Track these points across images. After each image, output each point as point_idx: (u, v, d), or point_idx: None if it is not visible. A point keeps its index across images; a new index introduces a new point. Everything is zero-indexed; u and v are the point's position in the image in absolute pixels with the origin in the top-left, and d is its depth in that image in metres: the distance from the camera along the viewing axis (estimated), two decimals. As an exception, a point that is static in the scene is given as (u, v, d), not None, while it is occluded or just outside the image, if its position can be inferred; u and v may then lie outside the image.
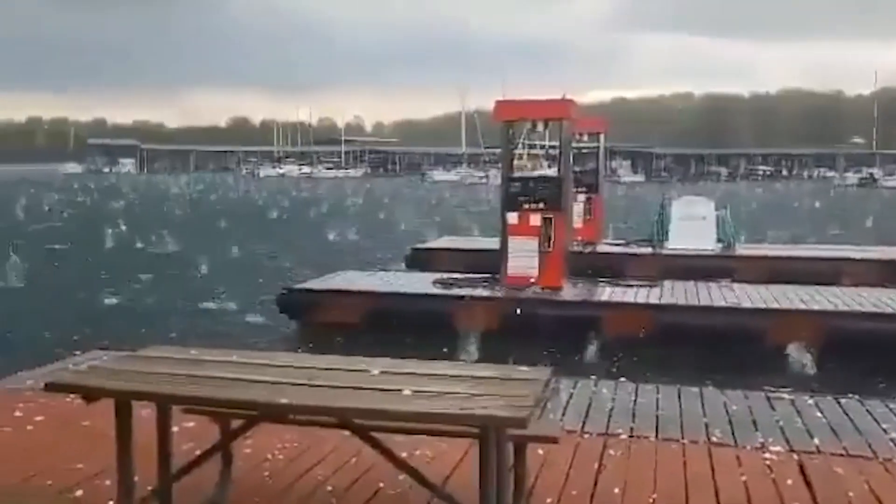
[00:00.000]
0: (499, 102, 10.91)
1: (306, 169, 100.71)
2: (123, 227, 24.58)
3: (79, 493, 3.68)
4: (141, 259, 17.58)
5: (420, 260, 14.94)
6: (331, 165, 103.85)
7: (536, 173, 17.81)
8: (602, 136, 16.78)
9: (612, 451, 4.32)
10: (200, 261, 16.63)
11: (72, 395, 4.81)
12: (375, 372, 3.16)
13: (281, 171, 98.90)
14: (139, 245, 20.50)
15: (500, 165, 11.91)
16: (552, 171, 14.06)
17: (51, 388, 3.14)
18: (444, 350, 8.36)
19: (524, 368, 3.16)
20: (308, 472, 3.98)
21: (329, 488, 3.79)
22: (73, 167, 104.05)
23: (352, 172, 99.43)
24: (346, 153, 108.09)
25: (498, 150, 12.66)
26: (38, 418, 4.76)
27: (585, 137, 16.59)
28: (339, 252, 19.26)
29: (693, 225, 14.63)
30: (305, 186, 68.58)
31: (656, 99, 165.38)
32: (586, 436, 4.57)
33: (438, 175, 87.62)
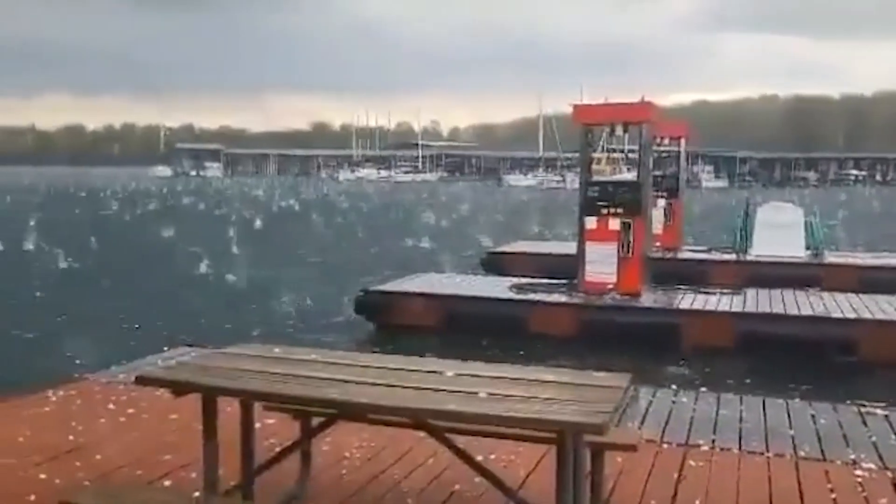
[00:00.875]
0: (578, 106, 10.80)
1: (384, 173, 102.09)
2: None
3: (167, 483, 3.83)
4: (226, 260, 18.13)
5: (495, 264, 14.92)
6: (408, 169, 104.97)
7: (615, 177, 17.52)
8: (683, 141, 16.40)
9: (692, 462, 4.21)
10: (282, 261, 17.07)
11: (161, 390, 5.07)
12: (450, 374, 3.17)
13: (359, 175, 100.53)
14: (232, 248, 21.17)
15: (577, 169, 11.78)
16: (631, 176, 13.83)
17: (141, 381, 3.27)
18: (520, 354, 8.32)
19: (603, 374, 3.11)
20: (384, 472, 4.03)
21: (405, 489, 3.82)
22: (162, 170, 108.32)
23: (428, 176, 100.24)
24: (423, 157, 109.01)
25: (576, 154, 12.51)
26: (130, 411, 4.97)
27: (666, 141, 16.25)
28: (415, 255, 19.43)
29: (779, 231, 14.13)
30: (382, 189, 69.49)
31: (740, 102, 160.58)
32: (665, 445, 4.47)
33: (515, 179, 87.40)
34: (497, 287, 10.91)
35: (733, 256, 14.43)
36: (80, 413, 4.90)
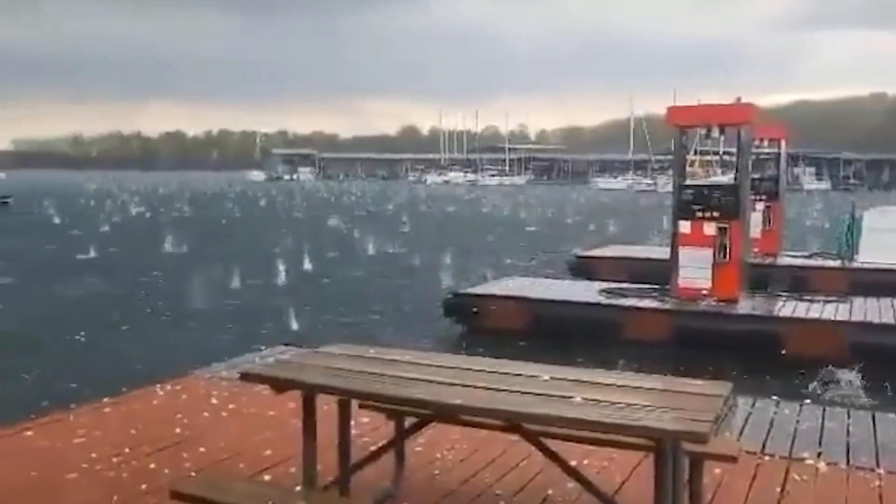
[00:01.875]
0: (672, 107, 10.54)
1: (471, 176, 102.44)
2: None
3: (266, 477, 3.95)
4: (321, 261, 18.58)
5: (584, 267, 14.74)
6: (495, 172, 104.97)
7: (711, 180, 17.01)
8: (783, 142, 15.77)
9: (796, 476, 4.04)
10: (372, 263, 17.36)
11: (260, 387, 5.25)
12: (546, 377, 3.16)
13: (446, 179, 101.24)
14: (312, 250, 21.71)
15: (669, 172, 11.51)
16: (727, 178, 13.40)
17: (245, 378, 3.39)
18: (610, 360, 8.18)
19: (702, 382, 3.03)
20: (476, 474, 4.04)
21: (497, 492, 3.82)
22: (257, 175, 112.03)
23: (516, 179, 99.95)
24: (510, 160, 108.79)
25: (667, 157, 12.21)
26: (231, 406, 5.16)
27: (765, 143, 15.65)
28: (502, 258, 19.40)
29: (888, 237, 13.39)
30: (470, 193, 69.71)
31: (843, 101, 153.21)
32: (767, 458, 4.31)
33: (604, 182, 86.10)
34: (586, 291, 10.77)
35: (837, 263, 13.77)
36: (186, 407, 5.12)
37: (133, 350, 9.63)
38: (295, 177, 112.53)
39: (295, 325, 11.05)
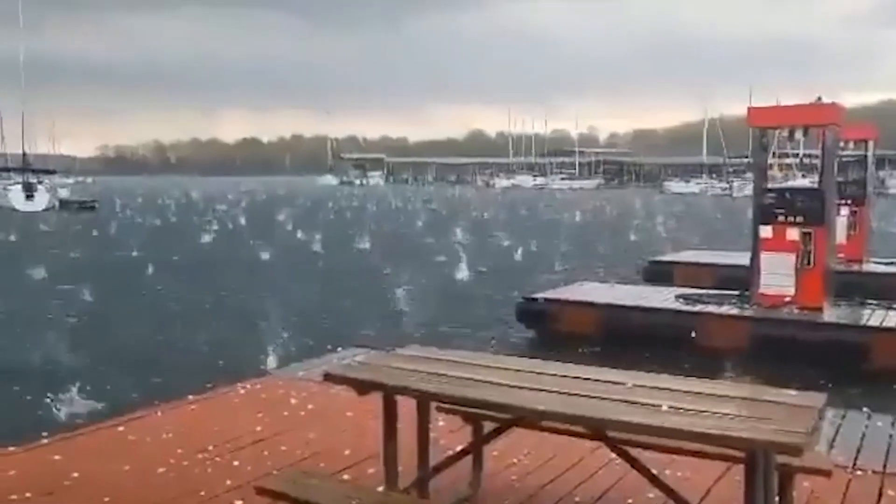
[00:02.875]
0: (753, 108, 10.23)
1: (540, 180, 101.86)
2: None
3: (346, 477, 4.01)
4: (394, 263, 18.77)
5: (658, 273, 14.45)
6: (564, 176, 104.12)
7: (794, 184, 16.46)
8: (871, 143, 15.12)
9: (891, 492, 3.86)
10: (444, 267, 17.42)
11: (336, 388, 5.32)
12: (629, 384, 3.10)
13: (515, 182, 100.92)
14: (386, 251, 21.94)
15: (745, 176, 11.18)
16: (810, 182, 12.93)
17: (328, 379, 3.44)
18: (687, 368, 7.99)
19: (796, 393, 2.93)
20: (554, 481, 4.00)
21: (577, 499, 3.78)
22: (328, 179, 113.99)
23: (585, 183, 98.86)
24: (580, 164, 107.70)
25: (743, 160, 11.87)
26: (310, 406, 5.25)
27: (851, 145, 15.04)
28: (573, 262, 19.20)
29: None
30: (539, 197, 69.32)
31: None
32: (859, 472, 4.13)
33: (677, 186, 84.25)
34: (662, 297, 10.55)
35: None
36: (266, 407, 5.23)
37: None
38: (365, 181, 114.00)
39: (366, 326, 11.20)
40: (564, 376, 3.26)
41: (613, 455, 3.96)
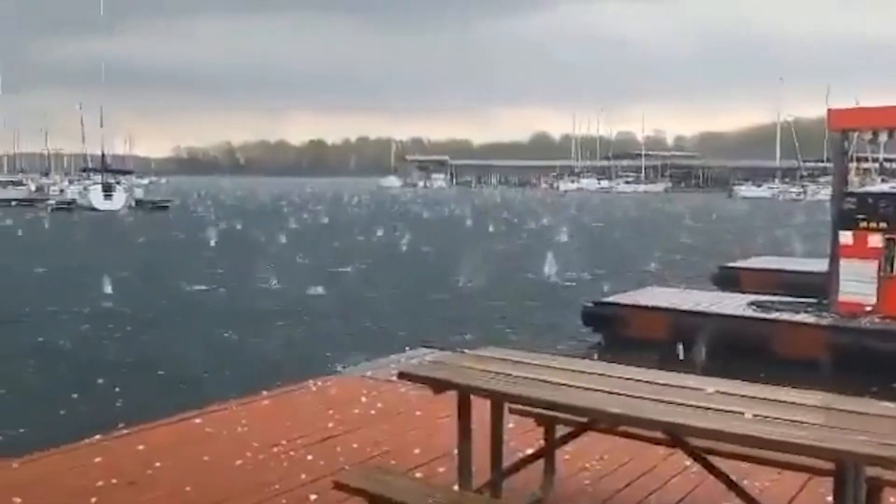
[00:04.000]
0: (834, 110, 9.90)
1: (605, 183, 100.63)
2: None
3: (418, 475, 4.03)
4: (462, 264, 18.83)
5: (729, 279, 14.11)
6: (630, 180, 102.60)
7: (876, 188, 15.87)
8: (959, 146, 14.45)
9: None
10: (510, 269, 17.38)
11: (406, 387, 5.38)
12: (709, 390, 3.03)
13: (579, 186, 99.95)
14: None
15: (820, 180, 10.81)
16: (889, 187, 12.41)
17: (403, 377, 3.47)
18: (761, 377, 7.77)
19: (889, 405, 2.81)
20: (628, 487, 3.94)
21: (651, 505, 3.72)
22: (392, 181, 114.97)
23: (651, 187, 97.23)
24: (646, 167, 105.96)
25: (818, 164, 11.47)
26: (379, 405, 5.30)
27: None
28: (641, 266, 18.91)
29: None
30: (603, 200, 68.50)
31: None
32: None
33: (747, 191, 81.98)
34: (734, 304, 10.30)
35: None
36: (337, 404, 5.31)
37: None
38: (429, 183, 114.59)
39: (431, 327, 11.27)
40: (641, 380, 3.21)
41: (688, 462, 3.90)
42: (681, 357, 8.80)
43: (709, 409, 2.82)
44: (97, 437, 4.60)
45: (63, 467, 4.13)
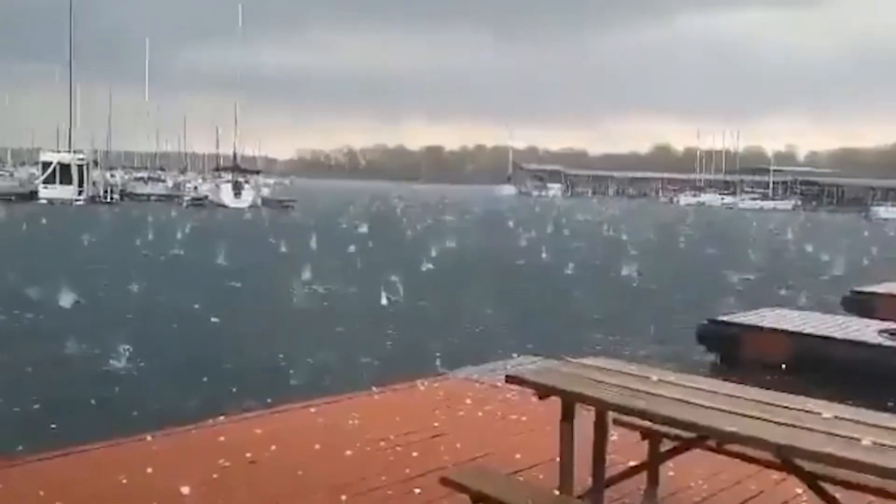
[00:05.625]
0: None
1: (728, 199, 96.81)
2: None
3: (520, 478, 4.08)
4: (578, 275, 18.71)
5: (860, 304, 13.28)
6: (756, 196, 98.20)
7: None
8: None
9: None
10: (622, 284, 17.07)
11: (511, 392, 5.43)
12: (827, 415, 2.93)
13: (701, 200, 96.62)
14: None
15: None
16: None
17: (511, 380, 3.53)
18: (889, 406, 7.31)
19: None
20: (735, 509, 3.84)
21: (758, 531, 3.61)
22: (508, 189, 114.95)
23: (779, 204, 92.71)
24: (774, 183, 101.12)
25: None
26: (485, 408, 5.39)
27: None
28: (760, 286, 18.13)
29: None
30: (726, 216, 65.94)
31: None
32: None
33: (886, 212, 76.74)
34: (864, 330, 9.72)
35: None
36: (443, 405, 5.43)
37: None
38: (544, 193, 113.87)
39: (540, 336, 11.26)
40: (754, 400, 3.13)
41: (799, 490, 3.76)
42: (800, 381, 8.39)
43: (825, 433, 2.72)
44: (221, 418, 4.92)
45: (191, 443, 4.45)
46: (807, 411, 2.97)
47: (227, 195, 49.41)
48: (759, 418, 2.87)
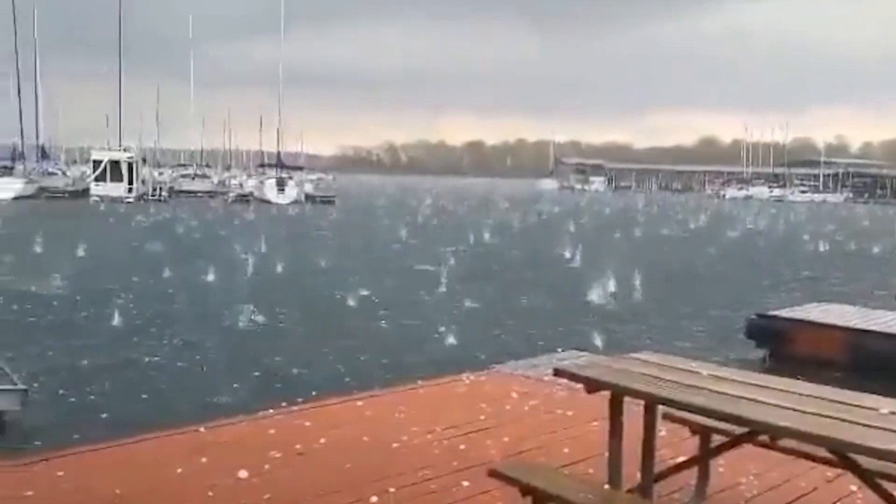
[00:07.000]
0: None
1: (777, 192, 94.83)
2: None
3: (566, 472, 4.07)
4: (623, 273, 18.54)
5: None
6: (806, 189, 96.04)
7: None
8: None
9: None
10: (674, 277, 16.86)
11: (557, 387, 5.42)
12: (885, 411, 2.86)
13: (748, 193, 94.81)
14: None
15: None
16: None
17: (558, 374, 3.52)
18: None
19: None
20: (787, 507, 3.77)
21: (812, 529, 3.54)
22: (549, 184, 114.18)
23: (831, 197, 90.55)
24: (826, 175, 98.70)
25: None
26: (532, 402, 5.38)
27: None
28: (808, 280, 17.74)
29: None
30: (776, 209, 64.60)
31: None
32: None
33: (941, 203, 74.40)
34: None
35: None
36: (489, 398, 5.43)
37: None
38: (586, 186, 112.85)
39: (584, 331, 11.20)
40: (808, 395, 3.08)
41: (854, 487, 3.69)
42: (855, 378, 8.21)
43: (884, 429, 2.66)
44: (270, 411, 5.00)
45: (242, 434, 4.54)
46: (863, 407, 2.91)
47: (271, 191, 50.06)
48: (812, 413, 2.82)
